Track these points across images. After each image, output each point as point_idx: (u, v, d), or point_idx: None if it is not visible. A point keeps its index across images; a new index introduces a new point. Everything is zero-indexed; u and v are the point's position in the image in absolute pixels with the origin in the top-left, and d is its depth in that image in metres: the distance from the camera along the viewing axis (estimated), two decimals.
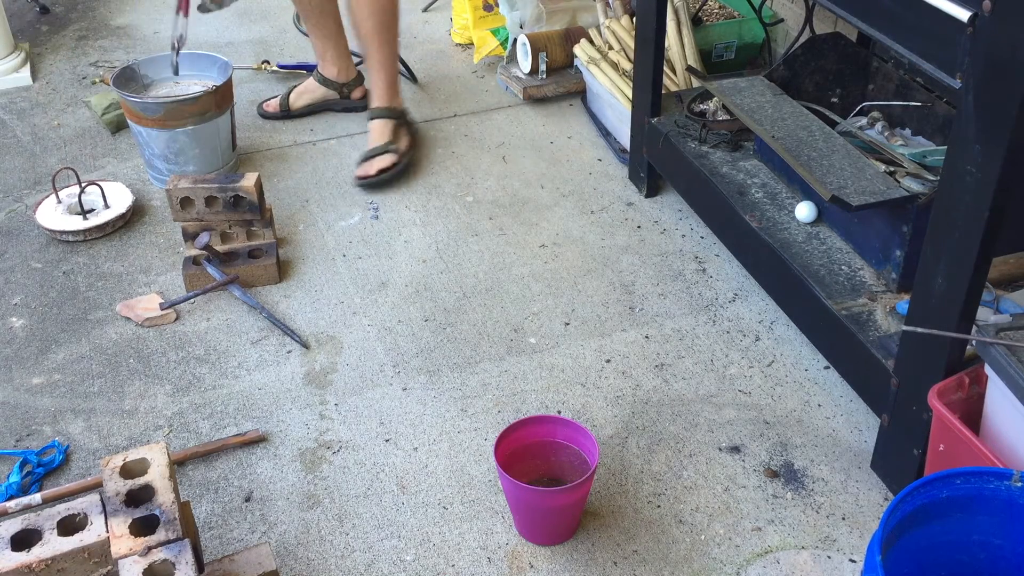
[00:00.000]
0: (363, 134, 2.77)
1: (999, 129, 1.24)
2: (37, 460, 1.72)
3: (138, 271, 2.23)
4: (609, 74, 2.66)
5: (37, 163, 2.65)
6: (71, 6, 3.62)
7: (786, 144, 1.84)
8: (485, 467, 1.72)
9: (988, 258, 1.35)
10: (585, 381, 1.90)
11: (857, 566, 1.54)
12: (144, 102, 2.37)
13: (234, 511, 1.65)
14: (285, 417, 1.83)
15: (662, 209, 2.41)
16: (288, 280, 2.19)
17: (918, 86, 1.97)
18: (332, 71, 2.79)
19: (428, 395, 1.87)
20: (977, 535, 1.30)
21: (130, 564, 1.24)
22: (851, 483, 1.68)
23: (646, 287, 2.15)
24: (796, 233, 1.97)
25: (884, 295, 1.80)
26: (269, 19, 3.53)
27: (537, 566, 1.55)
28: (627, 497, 1.66)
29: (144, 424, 1.82)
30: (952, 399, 1.44)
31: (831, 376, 1.90)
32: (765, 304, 2.08)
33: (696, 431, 1.79)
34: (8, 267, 2.25)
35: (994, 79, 1.23)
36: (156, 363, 1.97)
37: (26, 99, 2.99)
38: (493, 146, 2.70)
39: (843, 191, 1.69)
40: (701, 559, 1.56)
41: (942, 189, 1.37)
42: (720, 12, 2.88)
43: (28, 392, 1.90)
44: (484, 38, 3.08)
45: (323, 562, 1.56)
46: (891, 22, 1.42)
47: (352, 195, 2.49)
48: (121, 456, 1.37)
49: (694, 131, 2.26)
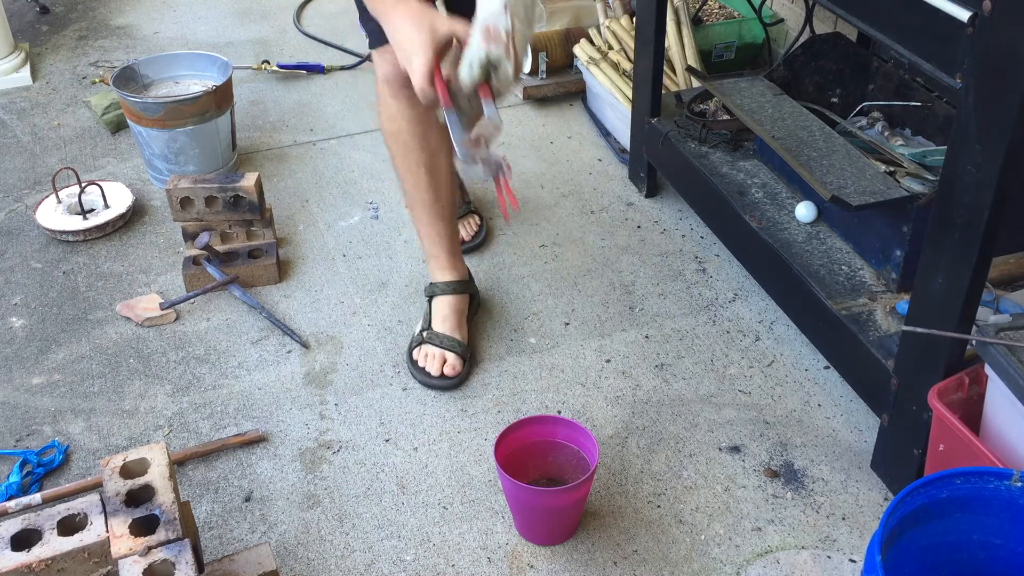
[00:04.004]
0: (363, 133, 2.77)
1: (999, 129, 1.24)
2: (37, 460, 1.72)
3: (138, 271, 2.23)
4: (609, 74, 2.66)
5: (37, 163, 2.65)
6: (71, 6, 3.62)
7: (786, 144, 1.84)
8: (485, 467, 1.72)
9: (988, 258, 1.35)
10: (585, 381, 1.90)
11: (857, 566, 1.54)
12: (144, 102, 2.37)
13: (234, 511, 1.65)
14: (285, 417, 1.83)
15: (662, 209, 2.41)
16: (288, 280, 2.19)
17: (918, 86, 1.97)
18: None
19: (428, 395, 1.87)
20: (977, 535, 1.30)
21: (130, 564, 1.23)
22: (851, 483, 1.68)
23: (646, 287, 2.15)
24: (796, 233, 1.97)
25: (884, 295, 1.80)
26: (269, 19, 3.53)
27: (537, 566, 1.55)
28: (627, 497, 1.66)
29: (144, 424, 1.82)
30: (952, 399, 1.44)
31: (831, 376, 1.90)
32: (765, 304, 2.08)
33: (696, 431, 1.79)
34: (8, 267, 2.25)
35: (994, 79, 1.23)
36: (156, 363, 1.97)
37: (26, 99, 2.99)
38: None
39: (843, 191, 1.69)
40: (701, 559, 1.56)
41: (942, 189, 1.37)
42: (720, 12, 2.88)
43: (28, 392, 1.90)
44: None
45: (323, 562, 1.56)
46: (891, 22, 1.42)
47: (352, 195, 2.49)
48: (121, 456, 1.37)
49: (694, 131, 2.26)
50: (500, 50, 1.37)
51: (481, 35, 1.37)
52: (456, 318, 1.95)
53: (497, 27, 1.36)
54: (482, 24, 1.38)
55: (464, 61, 1.39)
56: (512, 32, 1.37)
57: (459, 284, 1.97)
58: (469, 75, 1.40)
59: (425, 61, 1.40)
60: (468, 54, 1.39)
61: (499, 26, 1.36)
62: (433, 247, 1.96)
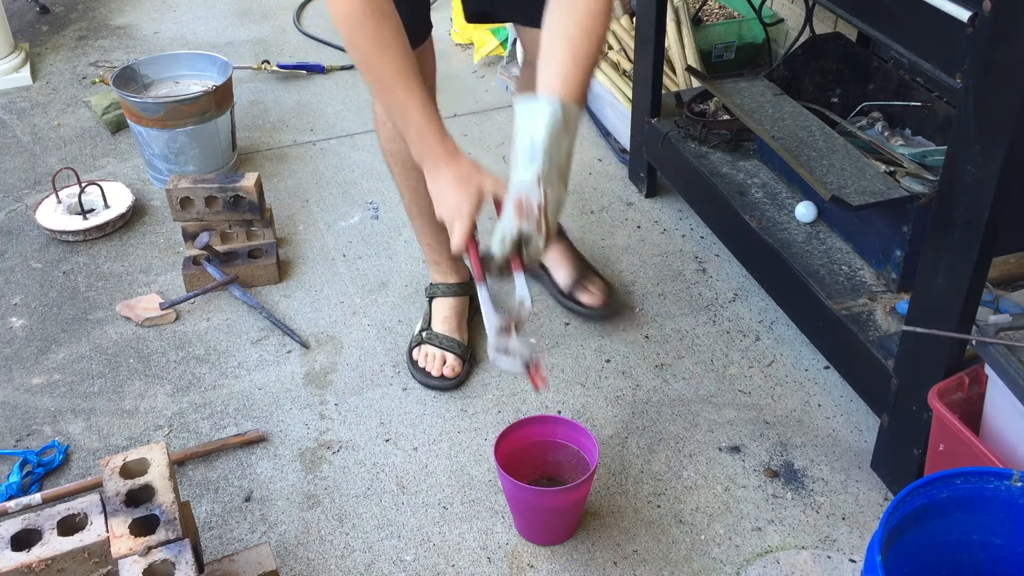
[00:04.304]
0: (363, 133, 2.77)
1: (999, 129, 1.24)
2: (37, 460, 1.72)
3: (138, 271, 2.23)
4: (609, 74, 2.66)
5: (37, 163, 2.65)
6: (71, 6, 3.62)
7: (786, 144, 1.84)
8: (485, 467, 1.72)
9: (988, 258, 1.35)
10: (585, 381, 1.90)
11: (857, 566, 1.54)
12: (144, 102, 2.37)
13: (234, 511, 1.65)
14: (285, 417, 1.83)
15: (662, 209, 2.41)
16: (288, 280, 2.19)
17: (918, 86, 1.97)
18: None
19: (428, 395, 1.87)
20: (977, 535, 1.30)
21: (130, 564, 1.24)
22: (851, 483, 1.68)
23: (646, 287, 2.15)
24: (796, 233, 1.97)
25: (884, 295, 1.80)
26: (269, 19, 3.53)
27: (537, 566, 1.55)
28: (627, 497, 1.66)
29: (144, 424, 1.82)
30: (952, 399, 1.44)
31: (831, 376, 1.90)
32: (765, 304, 2.08)
33: (696, 431, 1.79)
34: (8, 267, 2.25)
35: (994, 79, 1.23)
36: (156, 363, 1.97)
37: (26, 99, 2.99)
38: (493, 146, 2.70)
39: (843, 191, 1.69)
40: (701, 559, 1.56)
41: (942, 189, 1.37)
42: (720, 12, 2.88)
43: (28, 392, 1.90)
44: (484, 38, 3.08)
45: (323, 562, 1.56)
46: (891, 22, 1.42)
47: (352, 195, 2.49)
48: (121, 456, 1.37)
49: (694, 131, 2.26)
50: (532, 226, 1.37)
51: (514, 209, 1.36)
52: (456, 319, 1.95)
53: (530, 201, 1.35)
54: (515, 196, 1.37)
55: (496, 234, 1.39)
56: (544, 205, 1.36)
57: (460, 286, 1.97)
58: (501, 249, 1.39)
59: (465, 229, 1.40)
60: (500, 227, 1.39)
61: (532, 200, 1.35)
62: (434, 253, 1.97)
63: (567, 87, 1.35)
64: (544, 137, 1.33)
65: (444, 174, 1.43)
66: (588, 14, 1.37)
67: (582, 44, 1.37)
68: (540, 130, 1.33)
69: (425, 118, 1.41)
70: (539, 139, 1.33)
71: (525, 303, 1.43)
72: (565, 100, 1.34)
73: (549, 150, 1.33)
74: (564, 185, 1.40)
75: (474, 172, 1.43)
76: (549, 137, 1.33)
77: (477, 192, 1.41)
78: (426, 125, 1.42)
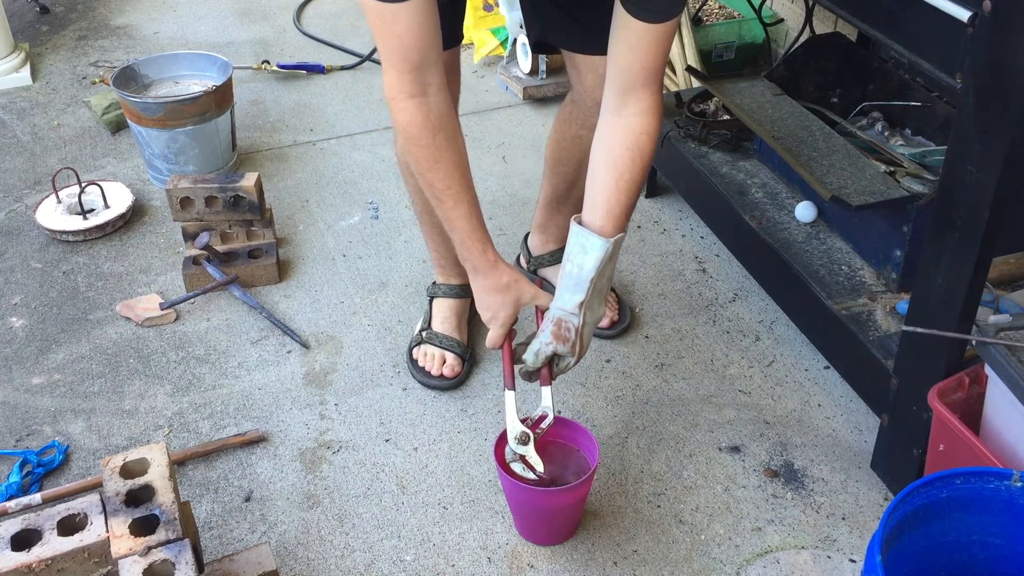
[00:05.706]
0: (363, 133, 2.77)
1: (999, 129, 1.24)
2: (37, 460, 1.72)
3: (138, 271, 2.23)
4: None
5: (37, 163, 2.65)
6: (71, 6, 3.62)
7: (786, 144, 1.84)
8: (485, 467, 1.72)
9: (988, 258, 1.35)
10: (585, 381, 1.90)
11: (857, 566, 1.54)
12: (144, 102, 2.37)
13: (234, 511, 1.65)
14: (285, 417, 1.83)
15: (662, 209, 2.41)
16: (288, 280, 2.19)
17: (918, 86, 1.97)
18: None
19: (428, 395, 1.87)
20: (977, 535, 1.30)
21: (130, 564, 1.24)
22: (851, 483, 1.68)
23: (646, 287, 2.15)
24: (796, 233, 1.97)
25: (884, 295, 1.80)
26: (269, 19, 3.53)
27: (537, 566, 1.55)
28: (627, 497, 1.66)
29: (144, 424, 1.82)
30: (952, 399, 1.44)
31: (831, 376, 1.90)
32: (765, 304, 2.08)
33: (696, 431, 1.79)
34: (8, 267, 2.25)
35: (994, 79, 1.23)
36: (156, 363, 1.97)
37: (26, 99, 2.99)
38: (493, 146, 2.70)
39: (843, 191, 1.69)
40: (701, 559, 1.56)
41: (942, 189, 1.37)
42: (720, 12, 2.88)
43: (28, 392, 1.90)
44: (484, 38, 3.08)
45: (323, 562, 1.56)
46: (891, 22, 1.42)
47: (352, 195, 2.49)
48: (121, 456, 1.37)
49: (694, 131, 2.26)
50: (567, 348, 1.47)
51: (552, 329, 1.47)
52: (456, 319, 1.95)
53: (569, 326, 1.46)
54: (555, 317, 1.47)
55: (531, 347, 1.50)
56: (581, 329, 1.46)
57: (461, 288, 1.97)
58: (534, 361, 1.50)
59: (500, 335, 1.55)
60: (537, 342, 1.50)
61: (571, 325, 1.46)
62: (438, 256, 1.97)
63: (615, 223, 1.45)
64: (592, 269, 1.44)
65: (483, 283, 1.53)
66: (635, 136, 1.45)
67: (627, 170, 1.45)
68: (590, 263, 1.44)
69: (470, 228, 1.49)
70: (587, 271, 1.45)
71: (548, 417, 1.51)
72: (614, 235, 1.45)
73: (595, 280, 1.45)
74: (602, 305, 1.51)
75: (513, 282, 1.52)
76: (596, 270, 1.44)
77: (515, 301, 1.52)
78: (470, 236, 1.50)
